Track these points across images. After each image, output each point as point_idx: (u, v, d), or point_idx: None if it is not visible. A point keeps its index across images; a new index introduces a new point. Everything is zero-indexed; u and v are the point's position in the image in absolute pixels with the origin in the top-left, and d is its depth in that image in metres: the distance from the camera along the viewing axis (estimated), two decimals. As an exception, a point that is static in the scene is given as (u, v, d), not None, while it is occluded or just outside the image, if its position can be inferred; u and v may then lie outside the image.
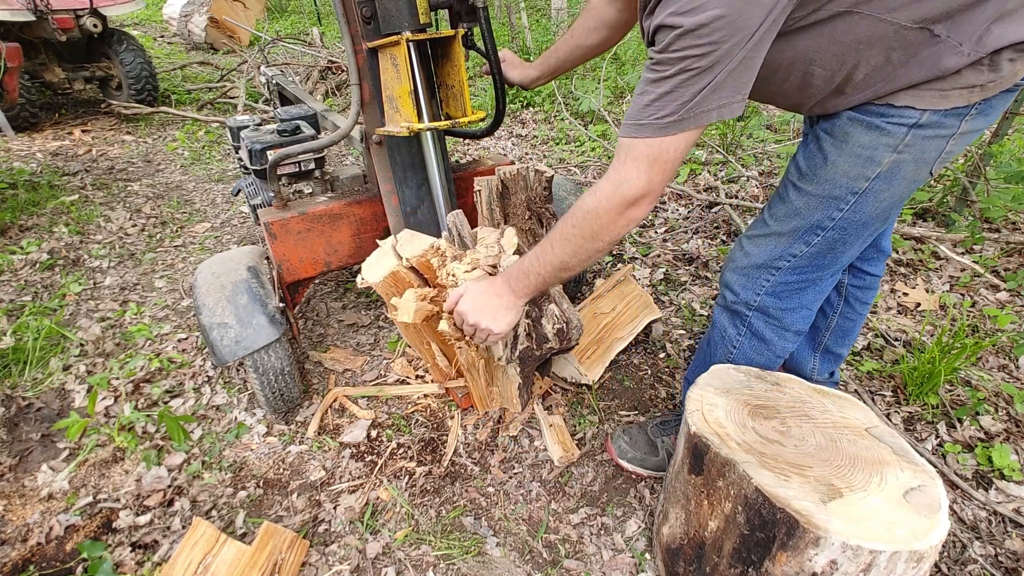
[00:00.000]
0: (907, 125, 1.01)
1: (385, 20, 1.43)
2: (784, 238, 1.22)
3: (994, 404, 1.77)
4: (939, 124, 1.01)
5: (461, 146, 4.43)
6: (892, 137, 1.03)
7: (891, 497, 0.93)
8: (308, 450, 1.73)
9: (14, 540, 1.47)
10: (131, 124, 5.07)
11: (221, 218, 3.37)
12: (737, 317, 1.36)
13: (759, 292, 1.29)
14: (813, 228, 1.18)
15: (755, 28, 0.87)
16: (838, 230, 1.16)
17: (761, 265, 1.26)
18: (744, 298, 1.31)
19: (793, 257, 1.23)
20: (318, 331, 2.30)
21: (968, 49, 0.92)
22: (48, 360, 2.10)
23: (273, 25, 9.69)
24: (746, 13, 0.86)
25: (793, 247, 1.22)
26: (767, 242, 1.25)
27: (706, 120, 0.95)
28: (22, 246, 2.88)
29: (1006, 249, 2.50)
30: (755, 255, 1.27)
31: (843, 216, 1.14)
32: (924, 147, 1.04)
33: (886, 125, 1.03)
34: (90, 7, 4.57)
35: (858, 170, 1.08)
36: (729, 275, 1.34)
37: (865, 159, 1.07)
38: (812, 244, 1.20)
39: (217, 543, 1.29)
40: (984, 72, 0.94)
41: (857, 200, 1.11)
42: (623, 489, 1.59)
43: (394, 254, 1.53)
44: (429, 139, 1.62)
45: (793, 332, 1.34)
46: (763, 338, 1.35)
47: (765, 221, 1.26)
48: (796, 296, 1.29)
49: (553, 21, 6.62)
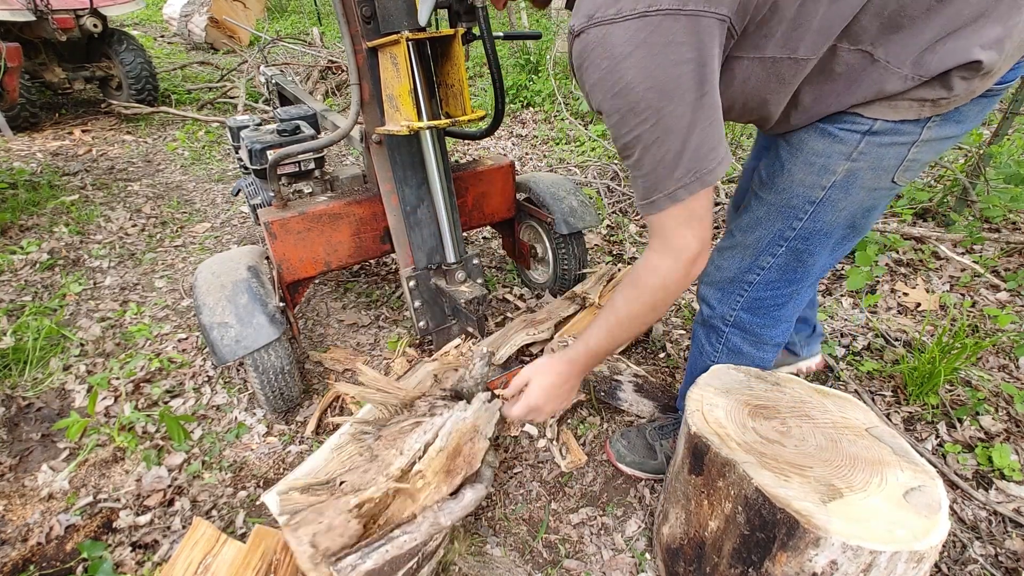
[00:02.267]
0: (860, 132, 0.98)
1: (385, 20, 1.43)
2: (749, 250, 1.20)
3: (994, 404, 1.77)
4: (895, 131, 0.97)
5: (461, 146, 4.43)
6: (845, 144, 1.00)
7: (891, 497, 0.93)
8: (308, 450, 1.73)
9: (14, 540, 1.47)
10: (131, 124, 5.07)
11: (221, 218, 3.37)
12: (714, 333, 1.34)
13: (734, 307, 1.27)
14: (775, 239, 1.16)
15: (687, 84, 0.88)
16: (800, 240, 1.13)
17: (733, 279, 1.25)
18: (720, 312, 1.29)
19: (762, 270, 1.20)
20: (318, 331, 2.30)
21: (908, 72, 0.89)
22: (48, 360, 2.10)
23: (273, 25, 9.69)
24: (669, 74, 0.86)
25: (760, 259, 1.20)
26: (735, 254, 1.23)
27: (708, 178, 0.95)
28: (22, 246, 2.88)
29: (1006, 249, 2.50)
30: (725, 268, 1.25)
31: (803, 226, 1.11)
32: (880, 155, 0.99)
33: (838, 132, 1.00)
34: (90, 7, 4.58)
35: (813, 179, 1.05)
36: (704, 289, 1.32)
37: (819, 167, 1.04)
38: (777, 255, 1.17)
39: (217, 543, 1.29)
40: (936, 88, 0.91)
41: (815, 209, 1.08)
42: (623, 489, 1.59)
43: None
44: (429, 138, 1.62)
45: (772, 345, 1.32)
46: (740, 352, 1.33)
47: (732, 232, 1.24)
48: (773, 312, 1.27)
49: (553, 21, 6.62)
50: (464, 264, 1.84)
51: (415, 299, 1.86)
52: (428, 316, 1.91)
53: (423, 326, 1.91)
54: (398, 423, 1.47)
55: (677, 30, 0.85)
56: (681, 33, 0.85)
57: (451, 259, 1.80)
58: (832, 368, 1.96)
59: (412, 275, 1.83)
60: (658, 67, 0.86)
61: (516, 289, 2.54)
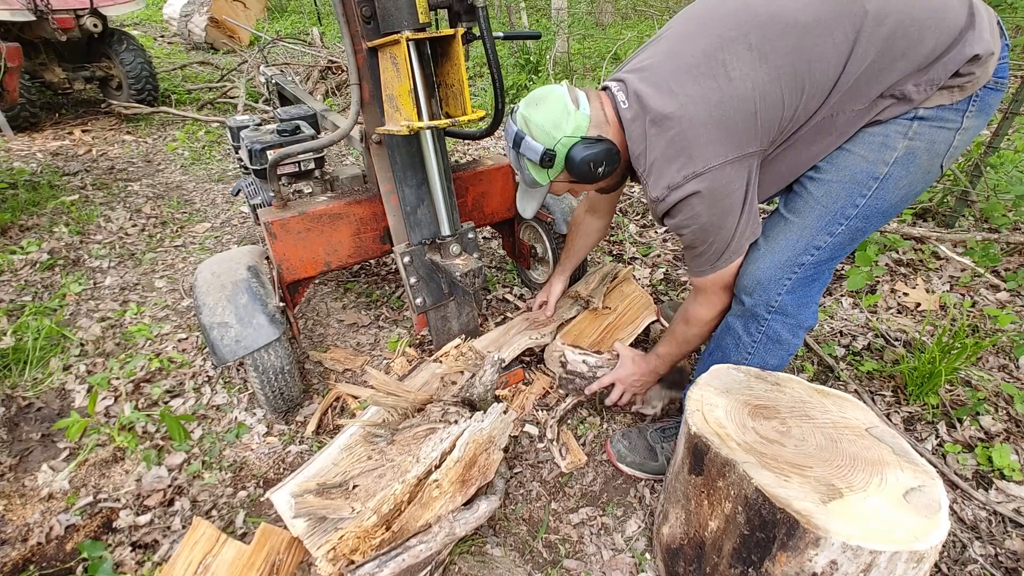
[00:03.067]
0: (908, 118, 1.11)
1: (385, 20, 1.43)
2: (807, 230, 1.24)
3: (994, 404, 1.77)
4: (938, 117, 1.10)
5: (461, 146, 4.43)
6: (900, 126, 1.12)
7: (891, 497, 0.93)
8: (308, 450, 1.73)
9: (14, 540, 1.47)
10: (131, 124, 5.07)
11: (221, 218, 3.37)
12: (754, 321, 1.35)
13: (780, 291, 1.29)
14: (836, 218, 1.20)
15: (737, 204, 1.20)
16: (861, 218, 1.20)
17: (784, 263, 1.27)
18: (765, 299, 1.31)
19: (817, 250, 1.24)
20: (318, 331, 2.30)
21: (924, 87, 1.07)
22: (48, 360, 2.10)
23: (273, 25, 9.69)
24: (724, 205, 1.19)
25: (817, 238, 1.23)
26: (790, 236, 1.26)
27: (742, 250, 1.29)
28: (22, 246, 2.88)
29: (1006, 249, 2.50)
30: (778, 252, 1.27)
31: (866, 203, 1.18)
32: (934, 136, 1.11)
33: (890, 120, 1.12)
34: (90, 7, 4.57)
35: (876, 154, 1.14)
36: (747, 279, 1.32)
37: (879, 144, 1.14)
38: (836, 234, 1.22)
39: (217, 543, 1.29)
40: (953, 86, 1.07)
41: (879, 185, 1.16)
42: (623, 489, 1.59)
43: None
44: (429, 138, 1.62)
45: (805, 329, 1.36)
46: (779, 339, 1.35)
47: (783, 216, 1.28)
48: (807, 289, 1.31)
49: (553, 21, 6.61)
50: (459, 237, 1.80)
51: (410, 275, 1.82)
52: (425, 292, 1.87)
53: (420, 303, 1.86)
54: (411, 428, 1.48)
55: (729, 173, 1.15)
56: (732, 173, 1.16)
57: (445, 232, 1.76)
58: (832, 368, 1.96)
59: (406, 250, 1.79)
60: (718, 202, 1.18)
61: (516, 289, 2.54)
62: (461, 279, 1.71)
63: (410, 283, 1.84)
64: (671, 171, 1.17)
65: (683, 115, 1.13)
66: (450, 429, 1.39)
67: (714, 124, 1.12)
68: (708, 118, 1.12)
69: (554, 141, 1.25)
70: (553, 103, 1.26)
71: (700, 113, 1.13)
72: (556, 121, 1.25)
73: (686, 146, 1.14)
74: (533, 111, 1.28)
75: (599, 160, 1.24)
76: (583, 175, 1.25)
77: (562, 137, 1.24)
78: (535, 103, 1.29)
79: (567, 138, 1.24)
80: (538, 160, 1.27)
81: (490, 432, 1.41)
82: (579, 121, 1.24)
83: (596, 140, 1.25)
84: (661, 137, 1.17)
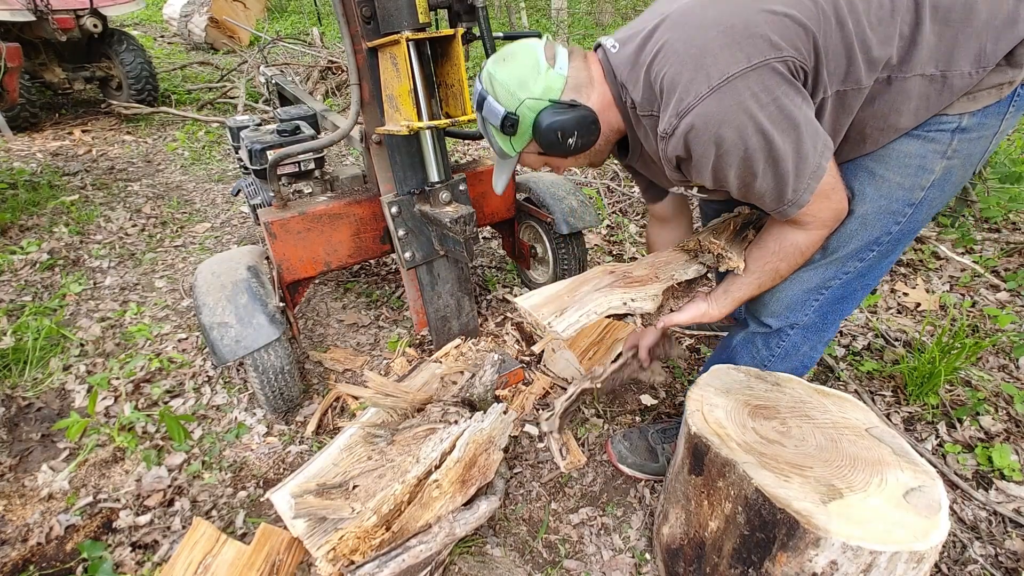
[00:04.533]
0: (949, 131, 1.02)
1: (385, 20, 1.43)
2: (838, 261, 1.19)
3: (994, 404, 1.77)
4: (980, 126, 1.01)
5: (461, 146, 4.43)
6: (939, 144, 1.03)
7: (891, 498, 0.93)
8: (308, 450, 1.73)
9: (14, 540, 1.47)
10: (131, 124, 5.07)
11: (221, 218, 3.37)
12: (775, 337, 1.33)
13: (808, 312, 1.27)
14: (869, 245, 1.16)
15: (777, 121, 0.94)
16: (893, 243, 1.15)
17: (813, 287, 1.23)
18: (791, 320, 1.28)
19: (845, 275, 1.21)
20: (318, 331, 2.30)
21: (971, 70, 0.95)
22: (48, 360, 2.10)
23: (273, 25, 9.69)
24: (760, 122, 0.94)
25: (847, 265, 1.19)
26: (821, 268, 1.21)
27: (822, 169, 1.01)
28: (22, 246, 2.88)
29: (1006, 249, 2.50)
30: (807, 280, 1.23)
31: (900, 228, 1.12)
32: (971, 150, 1.04)
33: (929, 134, 1.03)
34: (90, 7, 4.57)
35: (912, 180, 1.07)
36: (776, 306, 1.27)
37: (916, 168, 1.06)
38: (866, 260, 1.18)
39: (217, 543, 1.29)
40: (1006, 72, 0.96)
41: (913, 211, 1.10)
42: (623, 489, 1.59)
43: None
44: (429, 138, 1.62)
45: (825, 343, 1.33)
46: (797, 352, 1.33)
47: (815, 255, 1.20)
48: (837, 305, 1.26)
49: (553, 21, 6.62)
50: (450, 186, 1.72)
51: (399, 227, 1.74)
52: (414, 247, 1.80)
53: (409, 257, 1.80)
54: (411, 428, 1.47)
55: (750, 84, 0.92)
56: (755, 84, 0.92)
57: (434, 178, 1.69)
58: (832, 368, 1.96)
59: (394, 200, 1.71)
60: (752, 120, 0.93)
61: (516, 289, 2.54)
62: (451, 225, 1.62)
63: (398, 235, 1.75)
64: (683, 86, 0.95)
65: (683, 18, 0.97)
66: (450, 429, 1.39)
67: (727, 26, 0.93)
68: (718, 17, 0.95)
69: (517, 103, 1.06)
70: (523, 59, 1.07)
71: (708, 13, 0.95)
72: (522, 80, 1.06)
73: (695, 54, 0.94)
74: (499, 67, 1.09)
75: (568, 129, 1.06)
76: (551, 146, 1.08)
77: (527, 99, 1.06)
78: (503, 58, 1.10)
79: (533, 100, 1.06)
80: (499, 125, 1.09)
81: (490, 432, 1.41)
82: (551, 81, 1.06)
83: (568, 105, 1.07)
84: (662, 55, 0.97)
